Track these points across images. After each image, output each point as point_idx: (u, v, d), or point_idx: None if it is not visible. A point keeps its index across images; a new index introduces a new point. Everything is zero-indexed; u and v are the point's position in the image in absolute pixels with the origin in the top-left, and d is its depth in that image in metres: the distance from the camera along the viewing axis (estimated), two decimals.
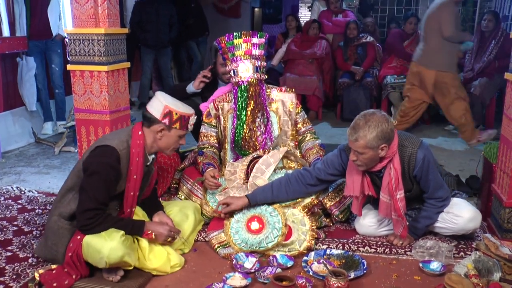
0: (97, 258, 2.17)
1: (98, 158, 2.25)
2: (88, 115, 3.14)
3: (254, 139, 2.90)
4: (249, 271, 2.36)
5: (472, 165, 3.98)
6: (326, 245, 2.63)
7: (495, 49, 5.22)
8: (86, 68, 3.08)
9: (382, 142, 2.37)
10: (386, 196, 2.53)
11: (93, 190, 2.21)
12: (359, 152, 2.40)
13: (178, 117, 2.33)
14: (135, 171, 2.33)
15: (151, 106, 2.36)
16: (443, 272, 2.36)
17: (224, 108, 2.99)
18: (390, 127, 2.38)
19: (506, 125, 2.83)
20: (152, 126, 2.35)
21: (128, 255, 2.20)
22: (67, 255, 2.22)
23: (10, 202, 3.25)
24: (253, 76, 2.85)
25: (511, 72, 2.77)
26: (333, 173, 2.67)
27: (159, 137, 2.36)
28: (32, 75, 5.00)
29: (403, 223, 2.55)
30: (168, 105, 2.32)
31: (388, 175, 2.49)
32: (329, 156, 2.70)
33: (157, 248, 2.38)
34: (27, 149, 4.77)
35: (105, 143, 2.30)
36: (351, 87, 6.02)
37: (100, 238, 2.18)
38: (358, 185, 2.56)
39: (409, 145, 2.49)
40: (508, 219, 2.74)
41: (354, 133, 2.39)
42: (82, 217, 2.21)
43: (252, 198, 2.65)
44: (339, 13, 6.82)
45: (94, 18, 3.01)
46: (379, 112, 2.43)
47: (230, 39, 2.86)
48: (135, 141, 2.33)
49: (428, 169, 2.48)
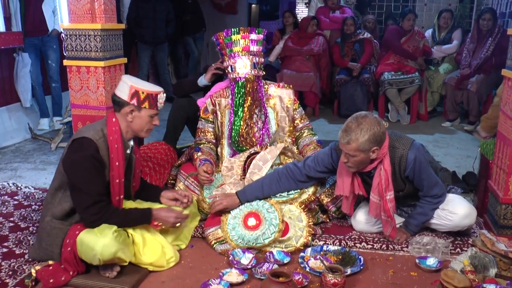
0: (91, 255, 2.16)
1: (77, 153, 2.23)
2: (85, 110, 3.13)
3: (251, 135, 2.90)
4: (245, 267, 2.36)
5: (468, 162, 4.00)
6: (322, 241, 2.64)
7: (492, 46, 5.23)
8: (82, 64, 3.07)
9: (373, 145, 2.36)
10: (376, 196, 2.53)
11: (85, 186, 2.20)
12: (350, 154, 2.39)
13: (146, 96, 2.31)
14: (117, 158, 2.31)
15: (118, 90, 2.36)
16: (440, 268, 2.37)
17: (222, 103, 2.98)
18: (382, 130, 2.37)
19: (502, 121, 2.84)
20: (122, 109, 2.34)
21: (122, 251, 2.20)
22: (65, 250, 2.21)
23: (7, 198, 3.24)
24: (250, 73, 2.84)
25: (508, 69, 2.77)
26: (322, 170, 2.68)
27: (130, 119, 2.35)
28: (27, 72, 4.98)
29: (392, 224, 2.56)
30: (134, 85, 2.31)
31: (378, 176, 2.48)
32: (320, 154, 2.69)
33: (151, 242, 2.38)
34: (23, 145, 4.75)
35: (80, 135, 2.28)
36: (348, 84, 6.02)
37: (93, 235, 2.17)
38: (348, 185, 2.57)
39: (399, 147, 2.47)
40: (504, 215, 2.74)
41: (346, 136, 2.36)
42: (86, 215, 2.21)
43: (242, 196, 2.66)
44: (336, 9, 6.80)
45: (90, 14, 2.99)
46: (371, 115, 2.41)
47: (228, 35, 2.86)
48: (110, 128, 2.32)
49: (420, 169, 2.47)
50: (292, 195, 2.70)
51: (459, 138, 5.03)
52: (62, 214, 2.31)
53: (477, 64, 5.29)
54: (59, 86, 5.35)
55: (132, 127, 2.37)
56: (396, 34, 5.94)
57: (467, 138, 5.13)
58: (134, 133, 2.40)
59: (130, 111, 2.33)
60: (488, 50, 5.25)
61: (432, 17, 7.43)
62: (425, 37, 5.95)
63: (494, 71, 5.15)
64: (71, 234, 2.23)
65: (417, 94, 5.78)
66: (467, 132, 5.33)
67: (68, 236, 2.24)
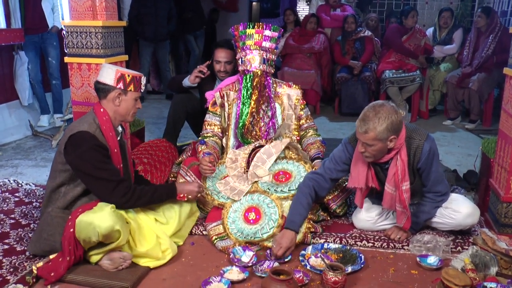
0: (90, 230, 2.16)
1: (82, 147, 2.27)
2: (86, 108, 3.12)
3: (257, 128, 2.91)
4: (246, 265, 2.36)
5: (469, 160, 3.99)
6: (323, 239, 2.64)
7: (493, 44, 5.22)
8: (83, 61, 3.07)
9: (391, 133, 2.37)
10: (391, 187, 2.53)
11: (103, 173, 2.28)
12: (368, 144, 2.39)
13: (131, 79, 2.41)
14: (114, 145, 2.40)
15: (101, 76, 2.43)
16: (440, 266, 2.37)
17: (230, 96, 3.02)
18: (399, 119, 2.38)
19: (504, 120, 2.83)
20: (109, 95, 2.41)
21: (119, 224, 2.21)
22: (67, 231, 2.21)
23: (7, 195, 3.24)
24: (259, 67, 2.87)
25: (510, 67, 2.77)
26: (343, 169, 2.66)
27: (117, 104, 2.42)
28: (24, 70, 4.97)
29: (407, 214, 2.55)
30: (119, 69, 2.41)
31: (394, 166, 2.49)
32: (335, 153, 2.68)
33: (147, 231, 2.40)
34: (24, 142, 4.75)
35: (76, 130, 2.32)
36: (349, 82, 6.02)
37: (90, 212, 2.20)
38: (364, 176, 2.56)
39: (416, 137, 2.49)
40: (505, 214, 2.74)
41: (363, 125, 2.36)
42: (116, 199, 2.29)
43: (293, 226, 2.50)
44: (337, 7, 6.79)
45: (91, 11, 2.99)
46: (388, 104, 2.41)
47: (244, 28, 2.90)
48: (101, 118, 2.39)
49: (432, 162, 2.49)
50: (293, 191, 2.70)
51: (460, 137, 5.03)
52: (64, 204, 2.35)
53: (479, 63, 5.28)
54: (59, 83, 5.34)
55: (119, 111, 2.45)
56: (397, 32, 5.93)
57: (468, 136, 5.13)
58: (121, 117, 2.48)
59: (118, 95, 2.41)
60: (489, 49, 5.24)
61: (433, 15, 7.41)
62: (426, 35, 5.94)
63: (496, 70, 5.14)
64: (73, 217, 2.24)
65: (418, 92, 5.78)
66: (468, 131, 5.33)
67: (70, 219, 2.25)
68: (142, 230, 2.38)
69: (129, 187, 2.34)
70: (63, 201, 2.35)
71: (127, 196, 2.32)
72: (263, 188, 2.74)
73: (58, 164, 2.36)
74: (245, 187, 2.75)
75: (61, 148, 2.34)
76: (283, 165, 2.87)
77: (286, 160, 2.89)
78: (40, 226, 2.41)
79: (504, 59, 4.28)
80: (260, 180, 2.79)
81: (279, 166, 2.86)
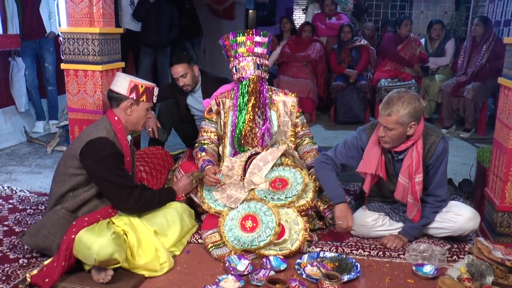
0: (87, 254, 2.16)
1: (103, 152, 2.31)
2: (81, 114, 3.12)
3: (253, 136, 2.91)
4: (242, 274, 2.35)
5: (464, 169, 4.00)
6: (319, 247, 2.63)
7: (487, 53, 5.26)
8: (80, 68, 3.06)
9: (412, 119, 2.44)
10: (404, 178, 2.58)
11: (120, 179, 2.34)
12: (389, 128, 2.46)
13: (144, 90, 2.46)
14: (127, 153, 2.46)
15: (115, 86, 2.47)
16: (436, 275, 2.37)
17: (226, 104, 3.02)
18: (421, 107, 2.46)
19: (499, 129, 2.85)
20: (121, 104, 2.46)
21: (118, 252, 2.20)
22: (69, 236, 2.21)
23: (1, 202, 3.22)
24: (254, 73, 2.89)
25: (504, 77, 2.79)
26: (353, 155, 2.71)
27: (129, 113, 2.47)
28: (21, 76, 4.96)
29: (417, 206, 2.59)
30: (133, 80, 2.44)
31: (409, 158, 2.55)
32: (348, 139, 2.75)
33: (146, 244, 2.39)
34: (18, 148, 4.73)
35: (96, 136, 2.34)
36: (345, 90, 6.04)
37: (92, 234, 2.19)
38: (375, 163, 2.61)
39: (433, 134, 2.58)
40: (501, 223, 2.75)
41: (387, 107, 2.44)
42: (130, 204, 2.37)
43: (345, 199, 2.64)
44: (333, 16, 6.84)
45: (88, 17, 2.99)
46: (411, 91, 2.52)
47: (234, 37, 2.91)
48: (116, 126, 2.44)
49: (442, 161, 2.57)
50: (290, 198, 2.70)
51: (455, 145, 5.05)
52: (74, 206, 2.37)
53: (473, 72, 5.32)
54: (55, 89, 5.33)
55: (131, 121, 2.49)
56: (393, 41, 5.98)
57: (463, 145, 5.14)
58: (132, 126, 2.52)
59: (130, 105, 2.45)
60: (483, 58, 5.29)
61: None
62: (421, 44, 5.99)
63: (490, 79, 5.18)
64: (77, 224, 2.25)
65: None
66: (463, 139, 5.35)
67: (74, 225, 2.25)
68: (141, 243, 2.37)
69: (141, 193, 2.41)
70: (73, 202, 2.36)
71: (140, 202, 2.39)
72: (260, 196, 2.73)
73: (70, 168, 2.36)
74: (242, 195, 2.75)
75: (75, 152, 2.34)
76: (279, 172, 2.87)
77: (283, 166, 2.89)
78: (42, 221, 2.40)
79: (497, 67, 4.29)
80: (257, 188, 2.78)
81: (275, 173, 2.86)
